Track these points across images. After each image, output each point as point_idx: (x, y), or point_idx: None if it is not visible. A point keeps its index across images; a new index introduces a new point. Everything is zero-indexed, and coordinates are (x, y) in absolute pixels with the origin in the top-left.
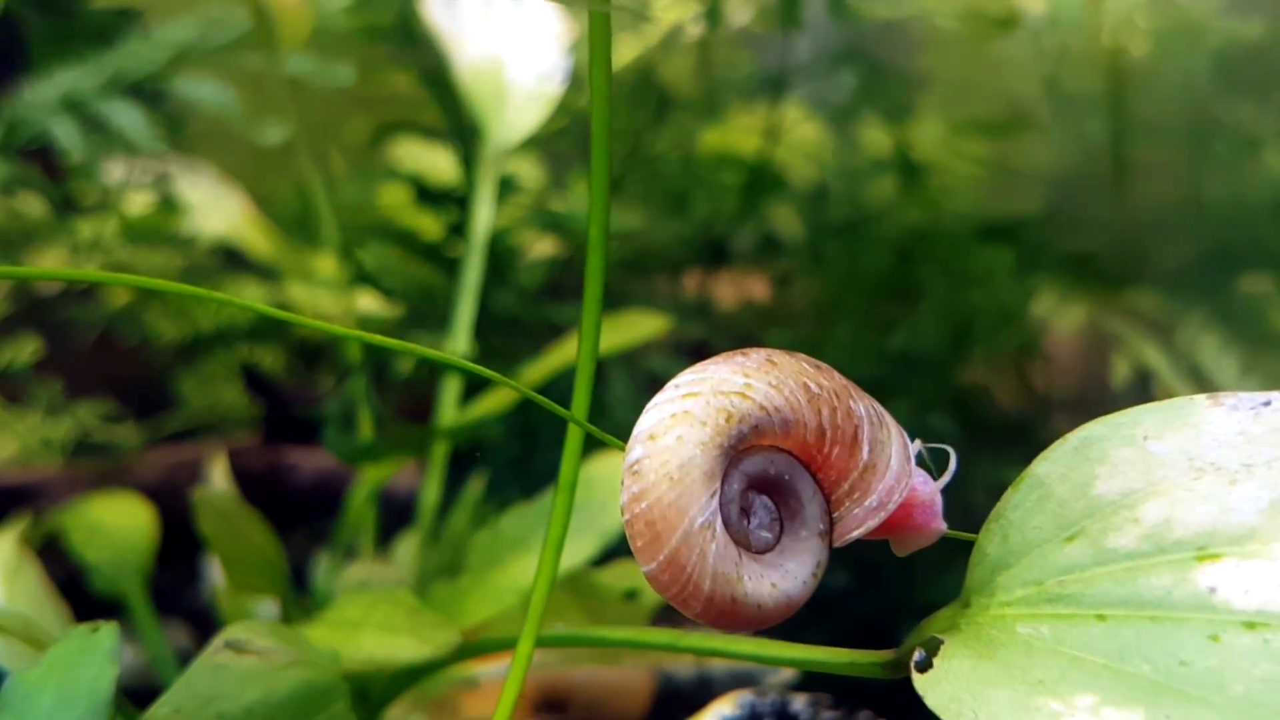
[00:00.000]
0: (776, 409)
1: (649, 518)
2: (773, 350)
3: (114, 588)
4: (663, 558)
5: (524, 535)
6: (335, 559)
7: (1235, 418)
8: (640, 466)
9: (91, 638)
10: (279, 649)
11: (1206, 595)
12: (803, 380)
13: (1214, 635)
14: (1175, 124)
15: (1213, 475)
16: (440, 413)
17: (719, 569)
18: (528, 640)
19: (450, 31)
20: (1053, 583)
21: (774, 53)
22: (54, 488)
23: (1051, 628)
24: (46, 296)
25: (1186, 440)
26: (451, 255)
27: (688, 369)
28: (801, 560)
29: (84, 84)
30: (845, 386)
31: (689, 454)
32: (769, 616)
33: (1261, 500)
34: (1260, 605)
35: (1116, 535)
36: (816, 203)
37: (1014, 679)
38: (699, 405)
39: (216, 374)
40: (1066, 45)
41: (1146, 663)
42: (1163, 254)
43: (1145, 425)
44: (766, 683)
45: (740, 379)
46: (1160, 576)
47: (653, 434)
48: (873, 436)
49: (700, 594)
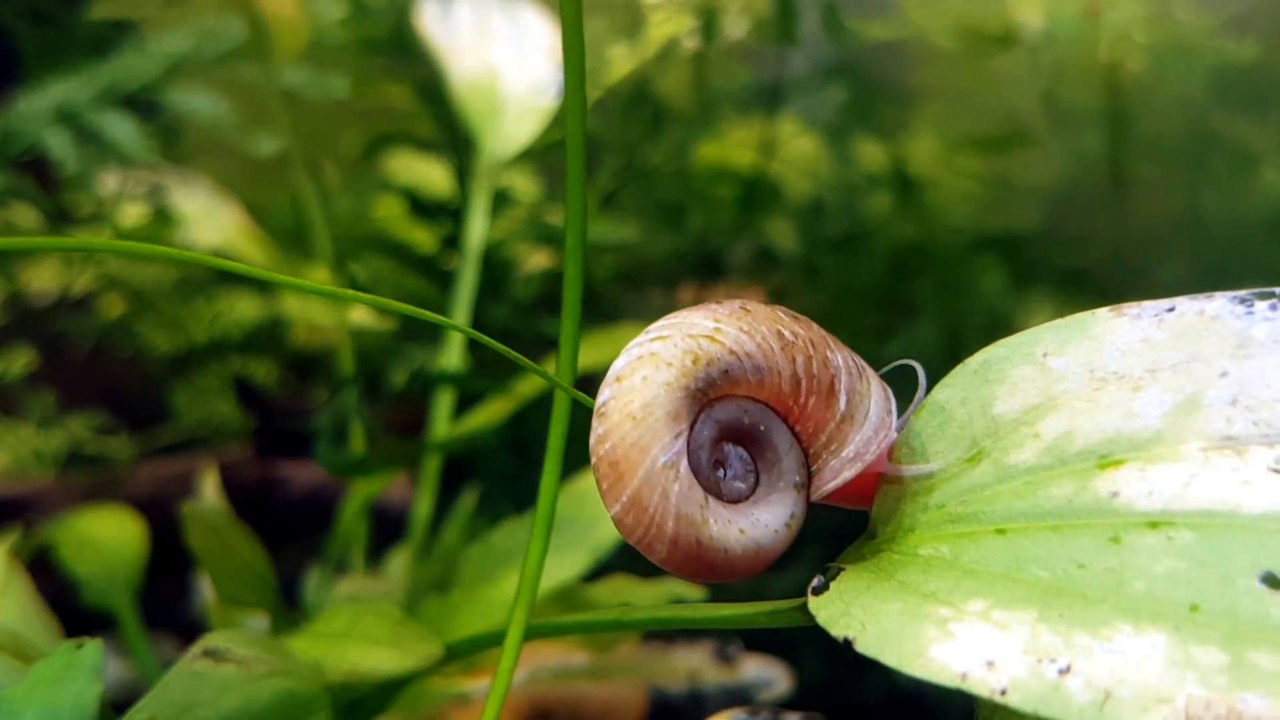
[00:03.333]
0: (748, 354)
1: (612, 458)
2: (749, 300)
3: (104, 601)
4: (625, 498)
5: (515, 550)
6: (326, 573)
7: (1139, 326)
8: (606, 408)
9: (76, 654)
10: (259, 658)
11: (1108, 500)
12: (776, 328)
13: (1115, 538)
14: (1173, 140)
15: (1115, 384)
16: (433, 426)
17: (682, 510)
18: (512, 645)
19: (445, 44)
20: (955, 504)
21: (770, 67)
22: (46, 500)
23: (951, 546)
24: (40, 308)
25: (1087, 352)
26: (445, 268)
27: (663, 317)
28: (774, 510)
29: (78, 95)
30: (823, 337)
31: (652, 394)
32: (737, 563)
33: (1166, 404)
34: (1165, 505)
35: (1017, 452)
36: (812, 217)
37: (906, 593)
38: (666, 347)
39: (210, 386)
40: (1064, 61)
41: (1043, 569)
42: (1160, 269)
43: (1045, 343)
44: (759, 700)
45: (710, 323)
46: (1061, 487)
47: (619, 376)
48: (850, 387)
49: (664, 536)
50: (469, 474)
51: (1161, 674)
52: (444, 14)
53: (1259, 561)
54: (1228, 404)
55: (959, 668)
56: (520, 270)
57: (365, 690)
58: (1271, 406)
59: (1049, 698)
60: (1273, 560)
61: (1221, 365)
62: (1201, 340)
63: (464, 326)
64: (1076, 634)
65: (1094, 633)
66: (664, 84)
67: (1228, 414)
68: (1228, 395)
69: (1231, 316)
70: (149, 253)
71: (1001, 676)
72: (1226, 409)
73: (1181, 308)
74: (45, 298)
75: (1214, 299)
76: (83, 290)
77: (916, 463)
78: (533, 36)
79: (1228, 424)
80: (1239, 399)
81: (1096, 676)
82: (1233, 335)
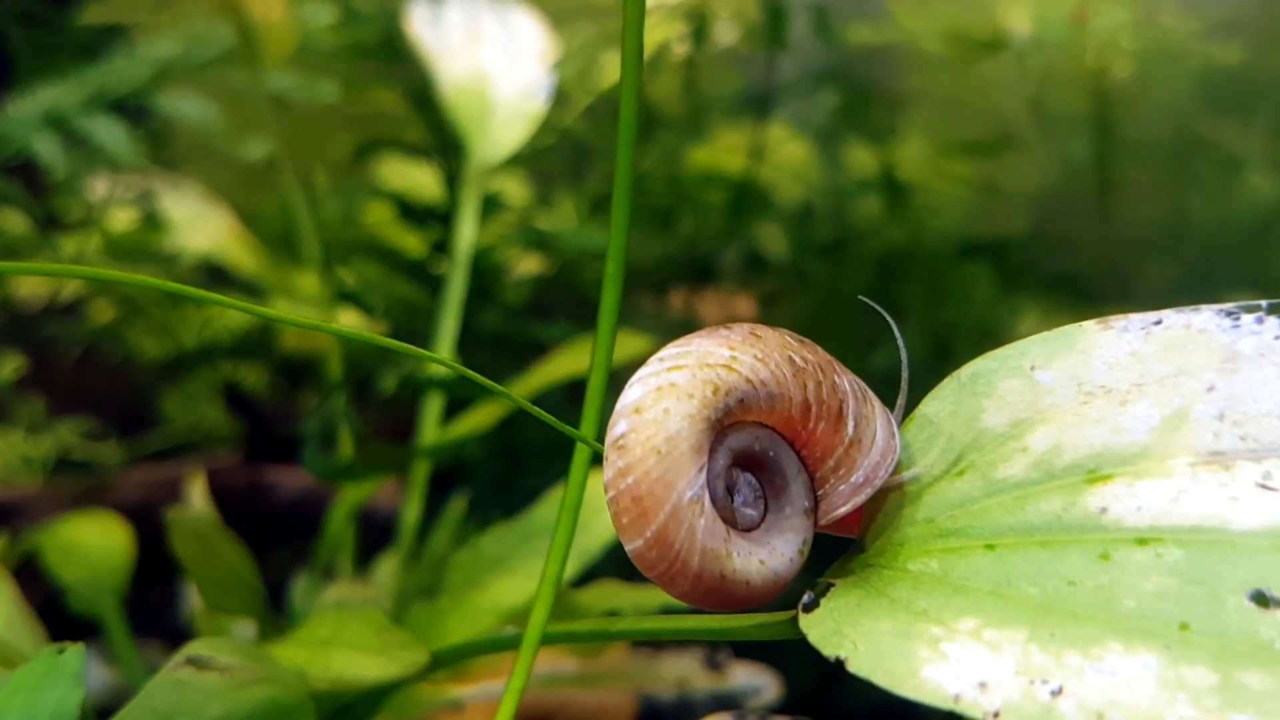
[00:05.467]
0: (762, 382)
1: (635, 493)
2: (755, 324)
3: (90, 608)
4: (650, 534)
5: (504, 555)
6: (314, 579)
7: (1126, 339)
8: (626, 441)
9: (58, 659)
10: (242, 666)
11: (1097, 516)
12: (787, 354)
13: (1104, 554)
14: (1159, 144)
15: (1103, 398)
16: (421, 432)
17: (708, 545)
18: (529, 645)
19: (435, 48)
20: (944, 518)
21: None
22: (33, 506)
23: (940, 561)
24: (29, 313)
25: (1075, 366)
26: (435, 272)
27: (670, 344)
28: (787, 538)
29: (67, 99)
30: (829, 361)
31: (676, 427)
32: (757, 595)
33: (1154, 418)
34: (1153, 521)
35: (1006, 466)
36: (802, 222)
37: (898, 611)
38: (685, 378)
39: (199, 392)
40: (1052, 66)
41: (1033, 586)
42: (1146, 273)
43: (1032, 355)
44: (748, 707)
45: (726, 351)
46: (1050, 502)
47: (638, 408)
48: (857, 412)
49: (689, 571)
50: (458, 480)
51: (1153, 695)
52: (434, 18)
53: (1247, 579)
54: (1215, 418)
55: (952, 689)
56: (510, 275)
57: (350, 697)
58: (1259, 421)
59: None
60: (1261, 578)
61: (1209, 379)
62: (1188, 354)
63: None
64: (1068, 654)
65: (1085, 652)
66: (655, 89)
67: (1215, 429)
68: (1215, 410)
69: (1218, 330)
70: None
71: (994, 699)
72: (1214, 424)
73: (1168, 321)
74: (34, 303)
75: (1201, 312)
76: (72, 296)
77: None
78: (523, 40)
79: (1215, 439)
80: (1226, 413)
81: (1088, 698)
82: (1219, 349)
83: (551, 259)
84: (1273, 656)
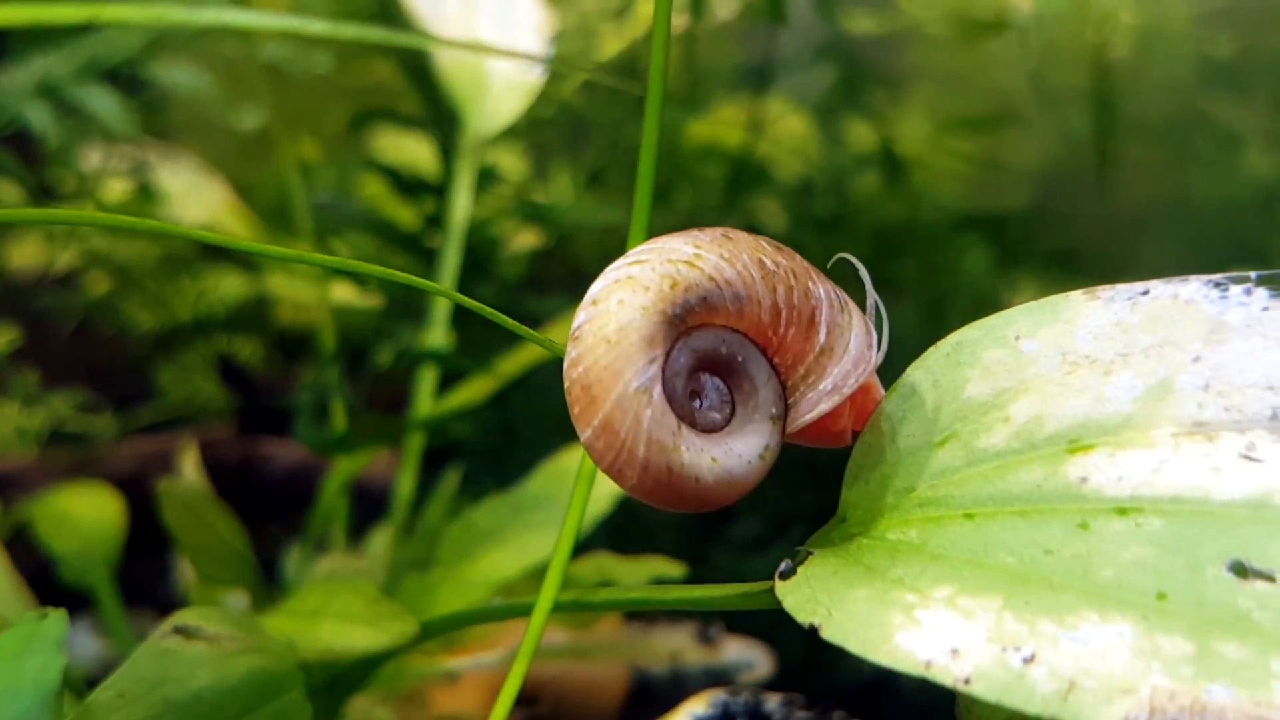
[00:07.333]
0: (727, 281)
1: (585, 381)
2: (731, 228)
3: (81, 579)
4: (597, 422)
5: (496, 528)
6: (306, 551)
7: (1111, 309)
8: (580, 331)
9: (38, 625)
10: (230, 635)
11: (1077, 485)
12: (758, 256)
13: (1083, 524)
14: (1160, 121)
15: (1087, 368)
16: (415, 404)
17: (654, 435)
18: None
19: (431, 19)
20: (924, 488)
21: (760, 46)
22: (27, 478)
23: (919, 530)
24: (24, 285)
25: (1059, 336)
26: (429, 245)
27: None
28: (749, 441)
29: (59, 69)
30: (806, 268)
31: (628, 318)
32: (708, 493)
33: (1137, 388)
34: (1134, 491)
35: (987, 435)
36: (800, 196)
37: (873, 578)
38: (644, 271)
39: (195, 365)
40: (1052, 41)
41: (1011, 554)
42: (1146, 250)
43: (1017, 325)
44: (740, 681)
45: (690, 249)
46: (1030, 471)
47: (595, 299)
48: (831, 319)
49: (634, 461)
50: (452, 453)
51: (1127, 664)
52: None
53: (1227, 549)
54: (1200, 389)
55: (924, 656)
56: (506, 249)
57: (341, 668)
58: (1244, 392)
59: (1012, 687)
60: (1241, 548)
61: (1194, 350)
62: (1175, 324)
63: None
64: (1042, 622)
65: (1060, 621)
66: None
67: (1200, 399)
68: (1200, 380)
69: (1205, 300)
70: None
71: (966, 665)
72: (1199, 394)
73: (1155, 291)
74: (28, 274)
75: (1188, 282)
76: (66, 267)
77: (886, 445)
78: (519, 12)
79: (1199, 409)
80: (1211, 384)
81: (1061, 666)
82: (1206, 319)
83: (548, 232)
84: (1250, 626)
